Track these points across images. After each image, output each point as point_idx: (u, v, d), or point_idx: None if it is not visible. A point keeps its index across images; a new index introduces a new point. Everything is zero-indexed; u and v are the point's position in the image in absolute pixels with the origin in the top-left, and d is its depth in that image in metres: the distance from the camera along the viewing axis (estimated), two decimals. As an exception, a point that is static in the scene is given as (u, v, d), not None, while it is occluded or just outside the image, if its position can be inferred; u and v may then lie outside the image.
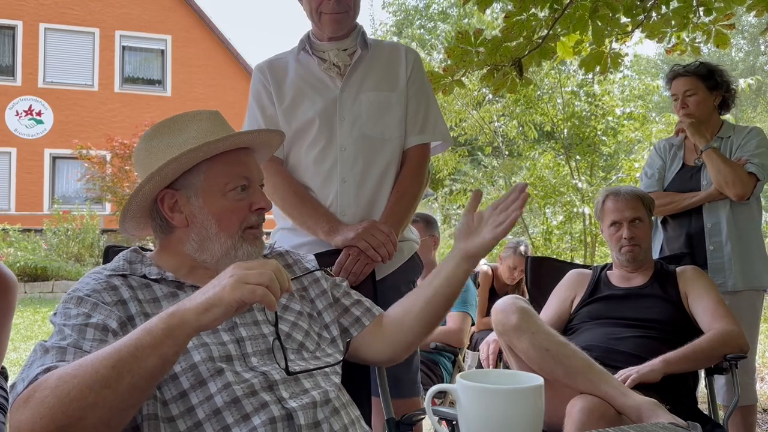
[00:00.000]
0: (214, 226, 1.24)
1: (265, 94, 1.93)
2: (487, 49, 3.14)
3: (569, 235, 8.66)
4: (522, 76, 3.25)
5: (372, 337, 1.40)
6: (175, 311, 0.95)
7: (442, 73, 3.30)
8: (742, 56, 28.75)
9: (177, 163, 1.21)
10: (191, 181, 1.25)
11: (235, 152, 1.28)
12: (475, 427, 0.93)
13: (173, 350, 0.95)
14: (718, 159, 2.52)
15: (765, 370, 4.73)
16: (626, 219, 2.24)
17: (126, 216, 1.29)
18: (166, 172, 1.22)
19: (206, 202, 1.24)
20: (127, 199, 1.27)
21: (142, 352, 0.92)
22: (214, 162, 1.25)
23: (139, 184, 1.23)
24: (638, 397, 1.64)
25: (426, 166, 1.95)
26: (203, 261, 1.25)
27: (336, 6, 1.84)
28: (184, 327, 0.94)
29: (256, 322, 1.22)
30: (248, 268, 0.97)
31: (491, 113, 9.70)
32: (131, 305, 1.15)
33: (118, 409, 0.93)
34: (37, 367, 0.97)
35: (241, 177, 1.26)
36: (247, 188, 1.27)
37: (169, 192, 1.25)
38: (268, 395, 1.11)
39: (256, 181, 1.29)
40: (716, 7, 3.26)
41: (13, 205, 15.17)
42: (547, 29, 3.20)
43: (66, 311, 1.11)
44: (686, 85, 2.66)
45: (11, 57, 15.61)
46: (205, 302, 0.95)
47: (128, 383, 0.91)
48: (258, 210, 1.27)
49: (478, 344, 2.90)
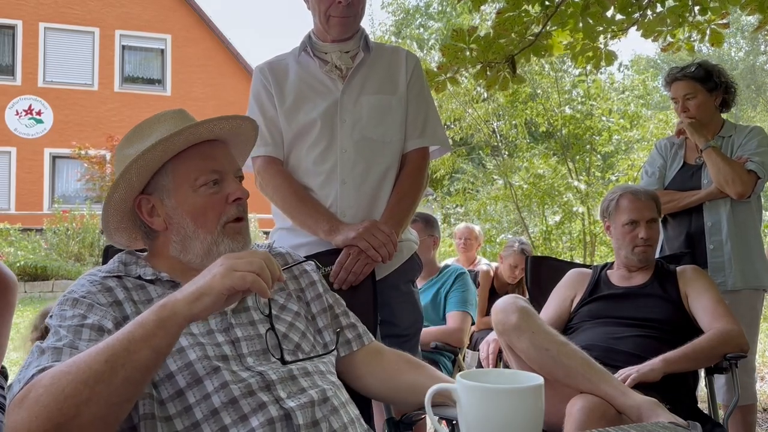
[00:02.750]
0: (191, 225, 1.22)
1: (265, 96, 1.93)
2: (480, 46, 3.15)
3: (568, 234, 8.67)
4: (515, 73, 3.26)
5: (367, 367, 1.37)
6: (165, 303, 0.95)
7: (436, 71, 3.31)
8: (742, 56, 28.75)
9: (138, 165, 1.19)
10: (161, 182, 1.23)
11: (201, 146, 1.24)
12: (475, 426, 0.93)
13: (165, 342, 0.94)
14: (718, 158, 2.52)
15: (765, 369, 4.73)
16: (645, 219, 2.23)
17: (109, 228, 1.28)
18: (129, 177, 1.20)
19: (178, 201, 1.22)
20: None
21: (134, 345, 0.92)
22: (179, 159, 1.22)
23: (107, 194, 1.23)
24: (638, 397, 1.64)
25: (425, 169, 1.97)
26: (188, 262, 1.23)
27: (345, 10, 1.85)
28: (176, 318, 0.94)
29: (252, 322, 1.21)
30: (238, 257, 0.97)
31: (488, 112, 9.68)
32: (126, 306, 1.15)
33: (113, 403, 0.92)
34: (33, 368, 0.97)
35: (210, 171, 1.23)
36: (220, 181, 1.23)
37: (144, 197, 1.24)
38: (266, 395, 1.10)
39: (229, 173, 1.25)
40: (711, 7, 3.26)
41: (13, 205, 15.16)
42: (539, 26, 3.20)
43: (62, 313, 1.11)
44: (685, 88, 2.65)
45: (11, 56, 15.59)
46: (196, 291, 0.95)
47: (122, 377, 0.91)
48: (236, 201, 1.23)
49: (478, 344, 2.90)
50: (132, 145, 1.25)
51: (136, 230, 1.30)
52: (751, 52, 28.19)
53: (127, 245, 1.33)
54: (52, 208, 13.64)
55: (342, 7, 1.84)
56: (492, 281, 4.47)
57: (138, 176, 1.21)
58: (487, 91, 5.07)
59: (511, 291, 4.28)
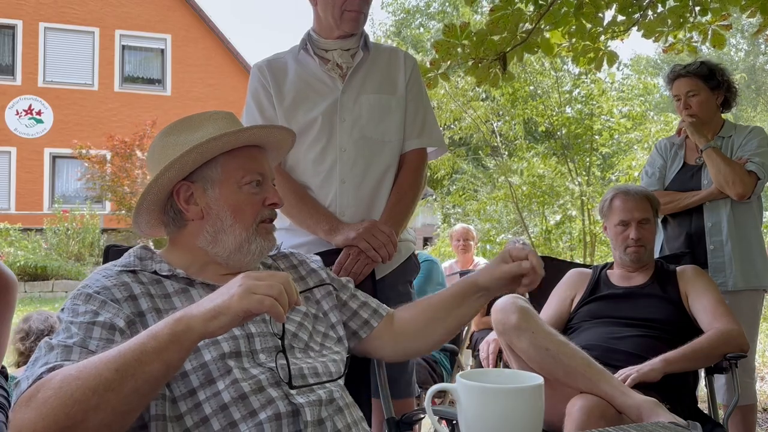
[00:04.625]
0: (230, 218, 1.26)
1: (264, 94, 1.93)
2: (472, 42, 3.15)
3: (568, 234, 8.66)
4: (505, 70, 3.25)
5: (380, 335, 1.42)
6: (181, 317, 0.95)
7: (428, 67, 3.31)
8: (742, 56, 28.74)
9: (198, 152, 1.23)
10: (208, 173, 1.26)
11: (250, 149, 1.31)
12: (475, 426, 0.93)
13: (178, 356, 0.95)
14: (719, 158, 2.52)
15: (765, 369, 4.73)
16: (635, 219, 2.22)
17: (141, 209, 1.29)
18: (186, 160, 1.23)
19: (222, 193, 1.26)
20: (139, 195, 1.28)
21: (146, 356, 0.92)
22: (231, 156, 1.27)
23: (157, 173, 1.24)
24: (638, 397, 1.64)
25: (424, 169, 1.97)
26: (215, 254, 1.26)
27: (360, 4, 1.88)
28: (190, 333, 0.94)
29: (264, 319, 1.23)
30: (258, 279, 0.97)
31: (488, 112, 9.67)
32: (142, 301, 1.15)
33: (120, 412, 0.93)
34: (42, 366, 0.97)
35: (256, 172, 1.29)
36: (261, 184, 1.29)
37: (185, 184, 1.26)
38: (276, 391, 1.12)
39: (269, 178, 1.32)
40: (712, 8, 3.26)
41: (13, 205, 15.16)
42: (532, 24, 3.20)
43: (74, 308, 1.11)
44: (688, 85, 2.65)
45: (11, 56, 15.59)
46: (213, 310, 0.95)
47: (131, 387, 0.92)
48: (271, 205, 1.30)
49: (478, 344, 2.90)
50: (179, 135, 1.27)
51: (160, 216, 1.31)
52: (751, 53, 28.18)
53: (145, 231, 1.34)
54: (52, 208, 13.65)
55: (358, 1, 1.87)
56: (492, 281, 4.46)
57: (194, 162, 1.24)
58: (478, 87, 5.08)
59: (511, 291, 4.26)
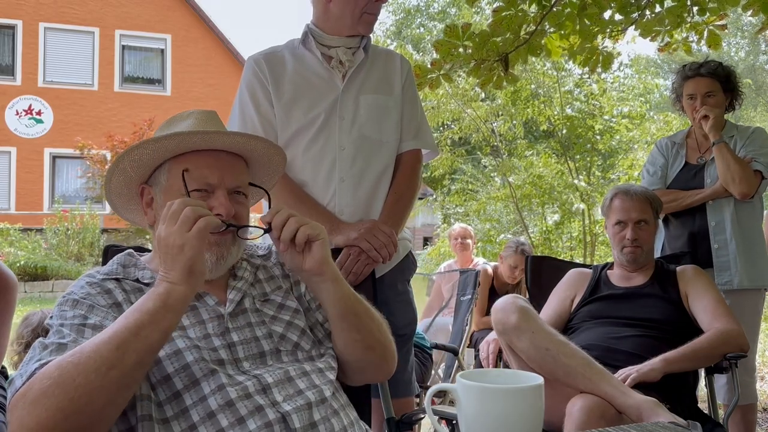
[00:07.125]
0: None
1: (260, 89, 1.90)
2: (475, 43, 3.15)
3: (568, 234, 8.66)
4: (507, 72, 3.25)
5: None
6: (158, 287, 1.01)
7: (430, 67, 3.30)
8: (743, 56, 28.73)
9: (131, 158, 1.19)
10: (158, 178, 1.23)
11: (209, 154, 1.20)
12: (475, 426, 0.93)
13: (175, 321, 1.01)
14: (729, 154, 2.50)
15: (765, 369, 4.73)
16: (632, 220, 2.22)
17: (117, 208, 1.29)
18: (124, 167, 1.21)
19: (167, 200, 1.15)
20: None
21: (144, 330, 0.97)
22: (180, 161, 1.19)
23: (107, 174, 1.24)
24: (638, 397, 1.64)
25: (420, 170, 2.00)
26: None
27: (378, 8, 1.93)
28: (176, 293, 1.00)
29: (249, 324, 1.20)
30: (170, 225, 1.02)
31: (488, 112, 9.67)
32: (125, 308, 1.14)
33: (125, 386, 0.96)
34: (36, 362, 0.97)
35: (201, 181, 1.18)
36: (210, 193, 1.18)
37: (147, 188, 1.24)
38: (263, 398, 1.09)
39: (221, 187, 1.19)
40: (710, 8, 3.26)
41: (13, 205, 15.17)
42: (535, 25, 3.20)
43: (62, 313, 1.10)
44: (708, 86, 2.62)
45: (11, 56, 15.60)
46: (181, 270, 1.01)
47: (133, 361, 0.95)
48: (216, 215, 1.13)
49: (478, 344, 2.90)
50: (159, 132, 1.25)
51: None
52: (751, 52, 28.18)
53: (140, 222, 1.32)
54: (52, 208, 13.66)
55: (378, 5, 1.91)
56: (492, 281, 4.47)
57: (133, 168, 1.21)
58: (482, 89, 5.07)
59: (511, 291, 4.28)
